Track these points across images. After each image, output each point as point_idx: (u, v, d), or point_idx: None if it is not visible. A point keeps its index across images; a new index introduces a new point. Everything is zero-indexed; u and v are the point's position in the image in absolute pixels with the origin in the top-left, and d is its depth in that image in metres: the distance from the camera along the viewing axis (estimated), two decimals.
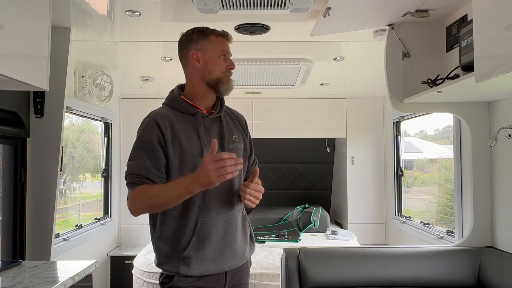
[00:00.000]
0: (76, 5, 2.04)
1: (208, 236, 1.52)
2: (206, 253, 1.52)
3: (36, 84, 1.59)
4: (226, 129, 1.63)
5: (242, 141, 1.67)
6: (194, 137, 1.53)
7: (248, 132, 1.76)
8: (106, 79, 3.20)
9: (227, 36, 1.63)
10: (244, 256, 1.63)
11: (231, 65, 1.61)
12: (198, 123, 1.55)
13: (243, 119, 1.76)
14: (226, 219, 1.56)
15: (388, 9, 2.00)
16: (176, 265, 1.51)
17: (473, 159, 2.21)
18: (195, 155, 1.50)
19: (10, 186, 2.16)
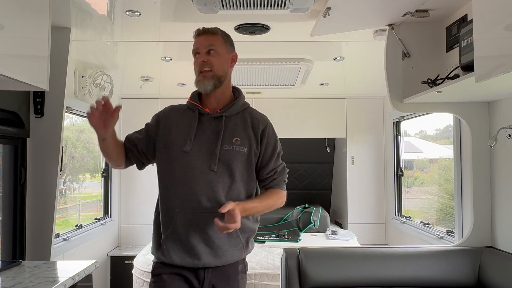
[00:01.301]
0: (76, 5, 2.04)
1: (184, 228, 1.57)
2: (181, 244, 1.58)
3: (36, 84, 1.59)
4: (228, 130, 1.62)
5: (246, 146, 1.63)
6: (184, 129, 1.62)
7: (265, 140, 1.66)
8: (106, 79, 3.20)
9: (200, 33, 1.64)
10: (226, 258, 1.61)
11: (199, 59, 1.61)
12: (193, 119, 1.63)
13: (260, 125, 1.68)
14: (204, 216, 1.56)
15: (388, 9, 2.00)
16: (156, 251, 1.64)
17: (473, 159, 2.21)
18: (179, 142, 1.61)
19: (10, 186, 2.16)
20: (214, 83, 1.62)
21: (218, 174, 1.58)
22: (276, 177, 1.69)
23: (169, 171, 1.62)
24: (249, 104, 1.76)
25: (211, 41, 1.61)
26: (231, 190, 1.61)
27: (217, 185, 1.58)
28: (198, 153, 1.59)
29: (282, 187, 1.72)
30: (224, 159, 1.59)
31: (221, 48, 1.64)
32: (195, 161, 1.59)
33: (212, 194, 1.57)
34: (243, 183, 1.64)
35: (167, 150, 1.62)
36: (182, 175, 1.59)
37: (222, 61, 1.64)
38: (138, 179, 4.05)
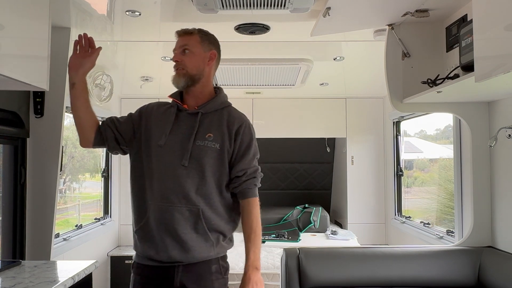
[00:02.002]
0: (76, 5, 2.04)
1: (155, 221, 1.60)
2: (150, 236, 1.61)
3: (36, 84, 1.59)
4: (202, 126, 1.66)
5: (219, 142, 1.63)
6: (162, 124, 1.68)
7: (239, 138, 1.66)
8: (106, 79, 3.20)
9: (179, 33, 1.70)
10: (193, 254, 1.59)
11: (173, 59, 1.68)
12: (171, 115, 1.69)
13: (236, 123, 1.68)
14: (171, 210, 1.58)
15: (388, 9, 2.00)
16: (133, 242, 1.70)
17: (473, 159, 2.21)
18: (155, 136, 1.66)
19: (10, 186, 2.16)
20: (186, 81, 1.66)
21: (189, 169, 1.60)
22: (245, 179, 1.64)
23: (144, 164, 1.66)
24: (230, 104, 1.77)
25: (186, 41, 1.67)
26: (201, 186, 1.60)
27: (186, 180, 1.59)
28: (172, 147, 1.63)
29: (252, 192, 1.66)
30: (195, 155, 1.61)
31: (196, 47, 1.67)
32: (168, 156, 1.62)
33: (180, 189, 1.58)
34: (214, 180, 1.63)
35: (144, 143, 1.67)
36: (155, 168, 1.62)
37: (197, 60, 1.67)
38: None
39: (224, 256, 1.71)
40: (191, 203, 1.58)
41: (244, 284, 1.58)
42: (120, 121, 1.73)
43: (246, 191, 1.65)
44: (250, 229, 1.64)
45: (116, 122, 1.73)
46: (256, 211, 1.65)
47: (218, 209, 1.63)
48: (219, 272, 1.66)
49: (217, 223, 1.63)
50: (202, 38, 1.69)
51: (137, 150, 1.70)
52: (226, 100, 1.76)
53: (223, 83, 3.50)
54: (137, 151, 1.69)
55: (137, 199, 1.67)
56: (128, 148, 1.74)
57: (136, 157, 1.70)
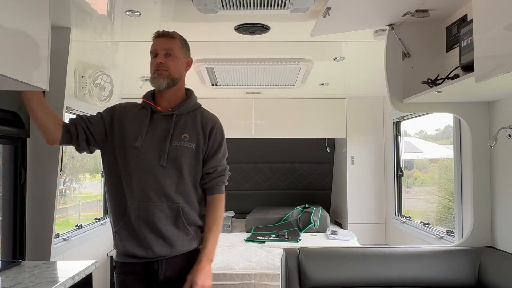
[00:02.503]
0: (76, 5, 2.04)
1: (136, 220, 1.66)
2: (133, 235, 1.67)
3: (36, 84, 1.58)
4: (177, 127, 1.72)
5: (194, 142, 1.71)
6: (137, 126, 1.71)
7: (212, 137, 1.75)
8: (106, 79, 3.20)
9: (160, 35, 1.73)
10: (177, 248, 1.68)
11: (157, 60, 1.69)
12: (145, 117, 1.72)
13: (209, 123, 1.76)
14: (152, 209, 1.65)
15: (388, 9, 2.00)
16: (113, 244, 1.76)
17: (473, 159, 2.21)
18: (131, 138, 1.69)
19: (10, 186, 2.16)
20: (168, 82, 1.70)
21: (167, 169, 1.67)
22: (215, 176, 1.75)
23: (120, 165, 1.69)
24: (201, 105, 1.84)
25: (169, 45, 1.71)
26: (180, 185, 1.68)
27: (165, 180, 1.66)
28: (149, 149, 1.68)
29: (220, 189, 1.77)
30: (172, 155, 1.68)
31: (179, 52, 1.74)
32: (145, 156, 1.67)
33: (160, 188, 1.65)
34: (191, 178, 1.71)
35: (119, 144, 1.70)
36: (132, 170, 1.67)
37: (179, 65, 1.74)
38: None
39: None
40: (171, 201, 1.66)
41: (198, 272, 1.64)
42: (91, 122, 1.74)
43: (215, 187, 1.76)
44: (213, 222, 1.73)
45: (88, 123, 1.73)
46: (221, 207, 1.76)
47: (194, 204, 1.72)
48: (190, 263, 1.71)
49: (194, 218, 1.72)
50: (182, 44, 1.76)
51: (111, 151, 1.72)
52: (197, 102, 1.84)
53: (223, 83, 3.50)
54: (111, 152, 1.72)
55: (115, 199, 1.71)
56: (99, 148, 1.77)
57: (110, 158, 1.73)
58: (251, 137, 4.24)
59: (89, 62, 3.02)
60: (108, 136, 1.74)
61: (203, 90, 3.59)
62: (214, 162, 1.75)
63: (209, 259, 1.69)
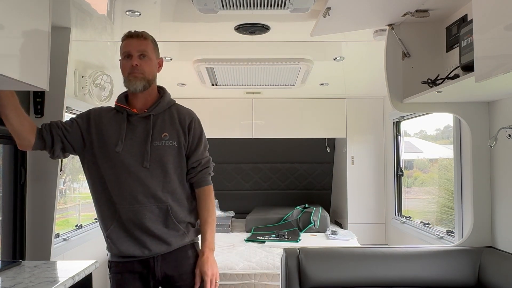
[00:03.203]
0: (76, 5, 2.04)
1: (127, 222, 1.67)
2: (126, 236, 1.68)
3: (36, 84, 1.58)
4: (156, 127, 1.72)
5: (175, 139, 1.72)
6: (114, 131, 1.70)
7: (191, 132, 1.76)
8: (106, 79, 3.20)
9: (133, 35, 1.71)
10: (172, 245, 1.70)
11: (131, 63, 1.68)
12: (122, 121, 1.71)
13: (187, 119, 1.77)
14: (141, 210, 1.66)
15: (388, 9, 2.00)
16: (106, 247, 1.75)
17: (473, 159, 2.20)
18: (111, 143, 1.69)
19: (10, 186, 2.16)
20: (144, 85, 1.70)
21: (151, 170, 1.68)
22: (200, 169, 1.76)
23: (103, 171, 1.69)
24: (175, 101, 1.85)
25: (143, 46, 1.71)
26: (166, 183, 1.69)
27: (151, 181, 1.67)
28: (130, 152, 1.68)
29: (207, 181, 1.79)
30: (155, 155, 1.68)
31: (152, 53, 1.74)
32: (128, 160, 1.67)
33: (147, 190, 1.67)
34: (177, 176, 1.73)
35: (100, 150, 1.70)
36: (117, 174, 1.67)
37: (152, 66, 1.75)
38: None
39: (197, 243, 1.82)
40: (159, 201, 1.67)
41: (204, 263, 1.70)
42: (67, 130, 1.71)
43: (202, 180, 1.77)
44: (207, 213, 1.76)
45: (64, 130, 1.71)
46: (212, 197, 1.79)
47: (182, 201, 1.74)
48: (195, 255, 1.77)
49: (183, 215, 1.74)
50: (154, 45, 1.77)
51: (91, 158, 1.73)
52: (171, 98, 1.84)
53: (223, 83, 3.50)
54: (91, 158, 1.72)
55: (102, 204, 1.72)
56: (77, 155, 1.76)
57: (91, 164, 1.73)
58: (251, 137, 4.24)
59: (89, 62, 3.02)
60: (86, 143, 1.73)
61: (203, 90, 3.59)
62: (197, 155, 1.76)
63: (210, 249, 1.73)
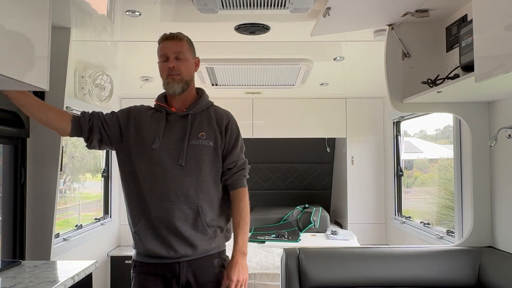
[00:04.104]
0: (76, 5, 2.04)
1: (155, 220, 1.65)
2: (153, 235, 1.66)
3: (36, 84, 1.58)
4: (194, 126, 1.73)
5: (212, 139, 1.72)
6: (152, 128, 1.72)
7: (228, 133, 1.77)
8: (106, 79, 3.20)
9: (168, 37, 1.73)
10: (199, 250, 1.67)
11: (168, 65, 1.70)
12: (161, 119, 1.73)
13: (224, 119, 1.78)
14: (172, 209, 1.65)
15: (388, 9, 2.00)
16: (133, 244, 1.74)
17: (473, 159, 2.20)
18: (148, 140, 1.70)
19: (10, 186, 2.16)
20: (182, 86, 1.72)
21: (186, 168, 1.67)
22: (236, 170, 1.75)
23: (137, 166, 1.70)
24: (213, 103, 1.85)
25: (179, 48, 1.72)
26: (200, 183, 1.68)
27: (184, 179, 1.66)
28: (166, 149, 1.68)
29: (242, 183, 1.78)
30: (191, 154, 1.68)
31: (188, 54, 1.75)
32: (163, 157, 1.68)
33: (179, 188, 1.66)
34: (212, 176, 1.72)
35: (136, 146, 1.71)
36: (152, 171, 1.67)
37: (189, 66, 1.75)
38: None
39: (224, 250, 1.79)
40: (190, 201, 1.66)
41: (232, 267, 1.68)
42: (107, 123, 1.75)
43: (237, 182, 1.76)
44: (240, 216, 1.73)
45: (104, 123, 1.75)
46: (246, 200, 1.76)
47: (214, 203, 1.72)
48: (221, 265, 1.74)
49: (213, 218, 1.71)
50: (189, 45, 1.77)
51: (127, 153, 1.73)
52: (209, 100, 1.85)
53: (223, 83, 3.50)
54: (127, 153, 1.73)
55: (133, 199, 1.71)
56: (114, 149, 1.78)
57: (126, 160, 1.74)
58: (251, 137, 4.24)
59: (89, 62, 3.02)
60: (123, 138, 1.74)
61: None
62: (233, 157, 1.75)
63: (242, 253, 1.70)
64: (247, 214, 1.75)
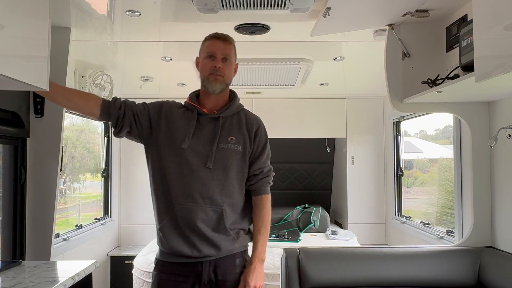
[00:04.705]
0: (76, 5, 2.04)
1: (180, 219, 1.66)
2: (177, 233, 1.66)
3: (36, 84, 1.58)
4: (224, 130, 1.73)
5: (241, 144, 1.73)
6: (183, 127, 1.72)
7: (257, 139, 1.77)
8: (106, 79, 3.20)
9: (219, 37, 1.74)
10: (222, 250, 1.68)
11: (214, 64, 1.71)
12: (192, 118, 1.73)
13: (254, 125, 1.79)
14: (196, 209, 1.65)
15: (388, 9, 2.00)
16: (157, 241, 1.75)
17: (473, 159, 2.21)
18: (178, 138, 1.70)
19: (10, 186, 2.16)
20: (222, 88, 1.74)
21: (213, 171, 1.68)
22: (261, 177, 1.77)
23: (165, 164, 1.69)
24: (243, 106, 1.86)
25: (228, 50, 1.74)
26: (225, 187, 1.69)
27: (211, 182, 1.67)
28: (195, 150, 1.68)
29: (266, 190, 1.79)
30: (219, 157, 1.69)
31: (233, 58, 1.78)
32: (192, 158, 1.67)
33: (205, 190, 1.66)
34: (238, 180, 1.73)
35: (166, 143, 1.71)
36: (179, 170, 1.68)
37: (231, 70, 1.79)
38: (138, 179, 4.05)
39: (246, 250, 1.80)
40: (215, 203, 1.67)
41: (250, 272, 1.69)
42: (139, 116, 1.73)
43: (261, 188, 1.77)
44: (261, 223, 1.74)
45: (136, 116, 1.73)
46: (268, 207, 1.77)
47: (237, 207, 1.73)
48: (242, 265, 1.75)
49: (235, 221, 1.72)
50: (235, 49, 1.79)
51: (155, 149, 1.73)
52: (240, 103, 1.85)
53: None
54: (156, 149, 1.72)
55: (160, 196, 1.71)
56: (142, 143, 1.78)
57: (154, 155, 1.73)
58: None
59: (89, 62, 3.02)
60: (153, 133, 1.74)
61: None
62: (260, 163, 1.77)
63: (260, 260, 1.71)
64: (268, 221, 1.76)
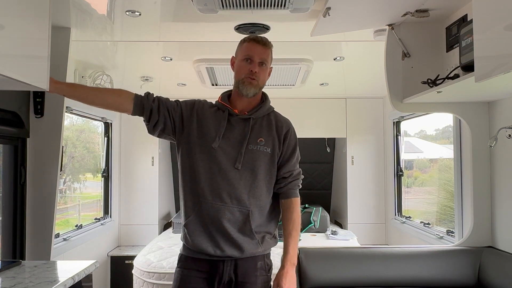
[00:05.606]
0: (76, 5, 2.04)
1: (205, 218, 1.66)
2: (202, 231, 1.67)
3: (36, 84, 1.59)
4: (254, 131, 1.73)
5: (270, 146, 1.73)
6: (214, 126, 1.72)
7: (287, 142, 1.76)
8: (106, 79, 3.20)
9: (259, 41, 1.73)
10: (246, 252, 1.68)
11: (251, 67, 1.71)
12: (223, 119, 1.73)
13: (284, 128, 1.78)
14: (223, 209, 1.65)
15: (388, 9, 2.00)
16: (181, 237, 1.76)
17: (473, 159, 2.21)
18: (209, 137, 1.70)
19: (10, 186, 2.16)
20: (255, 91, 1.75)
21: (242, 172, 1.68)
22: (291, 180, 1.76)
23: (195, 162, 1.70)
24: (274, 108, 1.86)
25: (265, 55, 1.73)
26: (253, 188, 1.69)
27: (239, 183, 1.67)
28: (224, 150, 1.69)
29: (296, 193, 1.78)
30: (248, 158, 1.69)
31: (269, 63, 1.77)
32: (221, 158, 1.68)
33: (233, 191, 1.66)
34: (265, 182, 1.72)
35: (196, 142, 1.71)
36: (208, 169, 1.68)
37: (266, 75, 1.79)
38: (138, 178, 4.05)
39: (268, 254, 1.80)
40: (242, 204, 1.67)
41: (282, 277, 1.67)
42: (172, 114, 1.74)
43: (290, 191, 1.76)
44: (292, 226, 1.74)
45: (169, 113, 1.73)
46: (298, 210, 1.77)
47: (264, 209, 1.73)
48: (263, 268, 1.75)
49: (261, 224, 1.73)
50: (271, 54, 1.78)
51: (186, 146, 1.73)
52: (271, 105, 1.86)
53: (223, 83, 3.50)
54: (186, 147, 1.73)
55: (187, 193, 1.72)
56: (174, 140, 1.78)
57: (184, 152, 1.74)
58: None
59: (89, 62, 3.02)
60: (184, 130, 1.74)
61: (203, 90, 3.59)
62: (289, 166, 1.76)
63: (292, 264, 1.71)
64: (298, 224, 1.76)
